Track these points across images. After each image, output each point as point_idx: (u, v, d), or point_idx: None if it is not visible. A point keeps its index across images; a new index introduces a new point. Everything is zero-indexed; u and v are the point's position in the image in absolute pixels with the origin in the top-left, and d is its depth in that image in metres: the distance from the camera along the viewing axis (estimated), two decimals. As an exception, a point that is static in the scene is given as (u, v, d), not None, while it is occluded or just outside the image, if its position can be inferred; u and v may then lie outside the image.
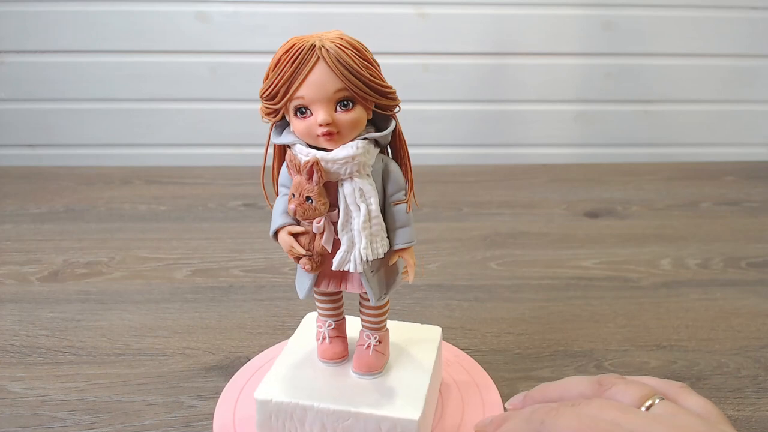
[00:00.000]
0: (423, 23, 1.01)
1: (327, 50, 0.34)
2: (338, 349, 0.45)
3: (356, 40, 0.36)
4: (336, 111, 0.36)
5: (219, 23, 1.00)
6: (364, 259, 0.38)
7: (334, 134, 0.36)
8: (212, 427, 0.46)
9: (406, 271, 0.41)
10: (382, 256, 0.39)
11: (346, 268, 0.39)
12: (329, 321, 0.45)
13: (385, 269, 0.41)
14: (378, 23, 1.00)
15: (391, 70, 0.41)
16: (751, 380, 0.53)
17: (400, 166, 0.40)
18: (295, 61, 0.35)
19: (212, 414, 0.47)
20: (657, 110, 1.10)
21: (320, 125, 0.36)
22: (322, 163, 0.36)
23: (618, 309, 0.64)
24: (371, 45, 0.39)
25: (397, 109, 0.39)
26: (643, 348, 0.58)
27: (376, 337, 0.44)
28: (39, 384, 0.52)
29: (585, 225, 0.84)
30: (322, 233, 0.38)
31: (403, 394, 0.42)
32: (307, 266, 0.39)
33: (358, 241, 0.38)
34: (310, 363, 0.46)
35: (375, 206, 0.38)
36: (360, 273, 0.39)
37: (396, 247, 0.39)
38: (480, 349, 0.57)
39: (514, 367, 0.55)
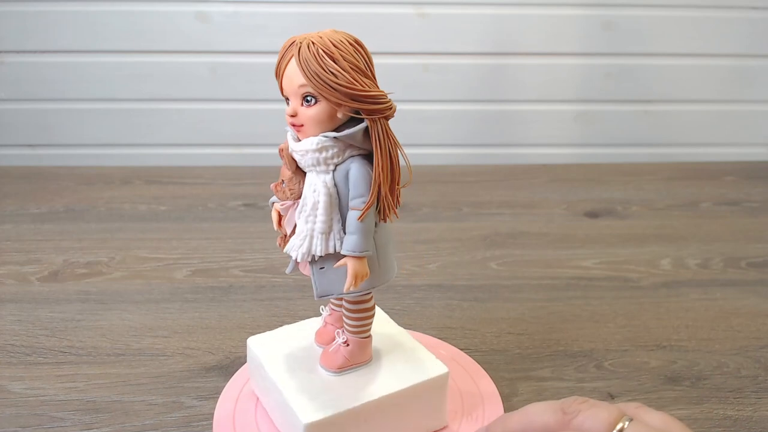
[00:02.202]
0: (423, 23, 1.01)
1: (299, 47, 0.37)
2: (327, 337, 0.47)
3: (339, 40, 0.37)
4: (302, 105, 0.38)
5: (219, 23, 1.00)
6: (298, 250, 0.40)
7: (298, 126, 0.39)
8: (212, 427, 0.46)
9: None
10: (319, 254, 0.39)
11: (291, 254, 0.40)
12: (329, 308, 0.47)
13: (335, 270, 0.40)
14: (378, 23, 1.00)
15: (391, 70, 0.41)
16: (751, 380, 0.53)
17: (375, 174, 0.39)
18: (280, 56, 0.38)
19: (212, 414, 0.47)
20: (657, 110, 1.10)
21: (287, 115, 0.39)
22: (289, 151, 0.40)
23: (618, 309, 0.64)
24: (371, 45, 0.39)
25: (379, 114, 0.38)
26: (643, 348, 0.58)
27: (343, 338, 0.44)
28: (39, 384, 0.52)
29: (585, 225, 0.84)
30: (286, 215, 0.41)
31: (329, 399, 0.42)
32: (278, 242, 0.42)
33: (303, 232, 0.40)
34: (310, 339, 0.48)
35: (323, 204, 0.39)
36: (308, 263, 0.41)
37: (342, 252, 0.39)
38: (480, 349, 0.57)
39: (514, 367, 0.55)
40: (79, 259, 0.73)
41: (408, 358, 0.46)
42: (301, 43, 0.37)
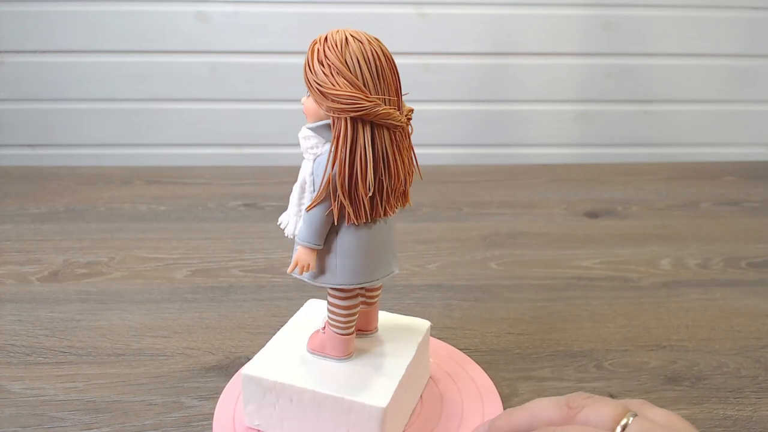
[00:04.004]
0: (423, 23, 1.01)
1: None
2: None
3: (335, 40, 0.37)
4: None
5: (219, 23, 1.00)
6: (283, 227, 0.42)
7: (305, 114, 0.40)
8: (212, 427, 0.46)
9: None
10: (289, 234, 0.42)
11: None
12: None
13: None
14: (378, 23, 1.00)
15: (391, 70, 0.41)
16: (751, 380, 0.53)
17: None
18: None
19: (212, 414, 0.47)
20: (657, 110, 1.10)
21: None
22: None
23: (618, 309, 0.64)
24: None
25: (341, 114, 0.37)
26: (643, 348, 0.58)
27: (323, 324, 0.45)
28: (39, 384, 0.52)
29: (585, 225, 0.84)
30: None
31: (282, 367, 0.44)
32: None
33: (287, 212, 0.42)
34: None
35: (296, 189, 0.41)
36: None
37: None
38: (480, 349, 0.57)
39: (514, 367, 0.55)
40: (79, 259, 0.73)
41: (371, 374, 0.44)
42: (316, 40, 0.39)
